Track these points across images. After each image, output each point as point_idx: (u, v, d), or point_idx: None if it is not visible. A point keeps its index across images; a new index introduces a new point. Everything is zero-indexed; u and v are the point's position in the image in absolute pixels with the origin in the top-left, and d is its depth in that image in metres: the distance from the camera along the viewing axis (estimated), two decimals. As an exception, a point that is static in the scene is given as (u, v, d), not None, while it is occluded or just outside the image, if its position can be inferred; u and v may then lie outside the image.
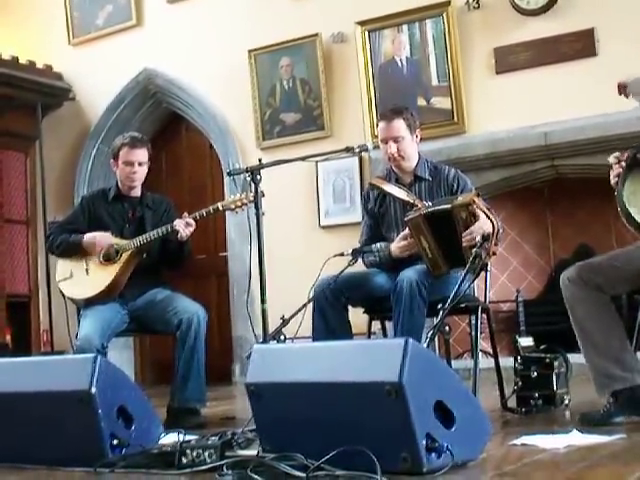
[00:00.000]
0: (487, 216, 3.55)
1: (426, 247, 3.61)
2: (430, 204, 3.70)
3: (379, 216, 3.99)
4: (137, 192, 4.26)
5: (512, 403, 3.66)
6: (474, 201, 3.56)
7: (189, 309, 3.96)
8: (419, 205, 3.74)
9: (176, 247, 4.10)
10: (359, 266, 3.89)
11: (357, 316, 3.89)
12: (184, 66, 6.97)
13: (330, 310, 3.67)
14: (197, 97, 6.95)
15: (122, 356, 6.83)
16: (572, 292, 3.12)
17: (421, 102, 6.04)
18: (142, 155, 4.18)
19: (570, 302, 3.13)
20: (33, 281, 7.39)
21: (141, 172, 4.19)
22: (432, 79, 6.04)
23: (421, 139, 4.00)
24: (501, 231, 3.65)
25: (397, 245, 3.77)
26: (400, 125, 3.86)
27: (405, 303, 3.49)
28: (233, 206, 4.02)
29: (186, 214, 4.04)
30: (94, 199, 4.30)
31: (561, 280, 3.17)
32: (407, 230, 3.70)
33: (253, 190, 3.70)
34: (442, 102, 5.99)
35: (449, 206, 3.59)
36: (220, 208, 4.05)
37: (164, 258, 4.19)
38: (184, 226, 3.99)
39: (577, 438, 2.65)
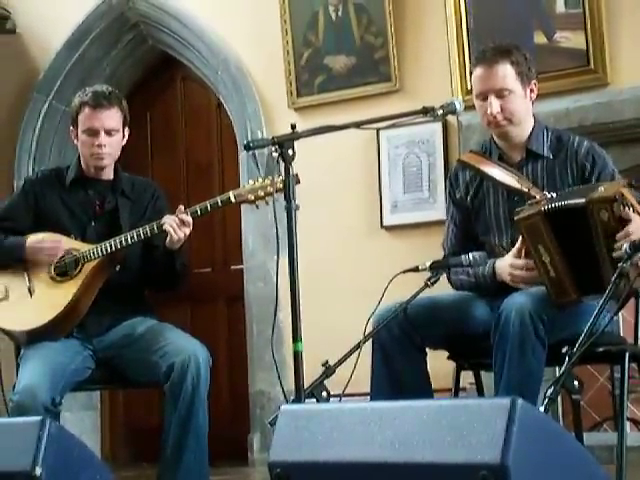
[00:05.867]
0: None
1: (547, 261, 3.60)
2: (554, 196, 3.69)
3: (472, 210, 4.00)
4: (109, 174, 4.30)
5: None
6: (622, 194, 3.53)
7: (184, 349, 3.97)
8: (537, 197, 3.73)
9: (164, 257, 4.13)
10: (442, 286, 3.88)
11: (439, 363, 3.89)
12: (181, -16, 7.03)
13: (398, 353, 3.69)
14: (200, 31, 6.98)
15: (83, 420, 6.88)
16: None
17: (539, 39, 6.00)
18: (111, 119, 4.21)
19: None
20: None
21: (111, 144, 4.22)
22: (557, 2, 6.01)
23: (538, 95, 4.00)
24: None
25: (511, 262, 3.75)
26: (506, 72, 3.87)
27: (513, 344, 3.48)
28: (252, 197, 4.05)
29: (181, 207, 4.06)
30: (43, 183, 4.35)
31: None
32: (520, 238, 3.69)
33: (282, 173, 3.70)
34: (572, 39, 5.94)
35: (582, 201, 3.56)
36: (232, 199, 4.08)
37: (147, 273, 4.23)
38: (177, 225, 4.01)
39: None
